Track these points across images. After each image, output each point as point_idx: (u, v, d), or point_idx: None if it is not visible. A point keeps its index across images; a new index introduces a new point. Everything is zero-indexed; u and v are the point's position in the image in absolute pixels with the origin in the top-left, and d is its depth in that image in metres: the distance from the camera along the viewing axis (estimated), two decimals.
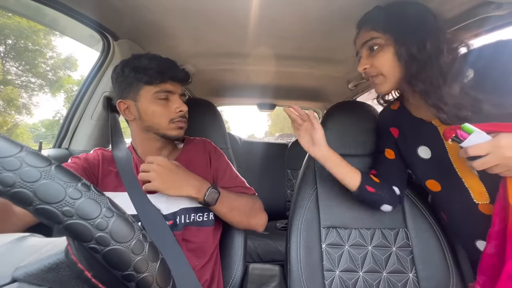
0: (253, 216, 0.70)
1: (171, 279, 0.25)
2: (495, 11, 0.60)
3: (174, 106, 0.67)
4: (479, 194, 0.57)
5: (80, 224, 0.20)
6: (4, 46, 10.87)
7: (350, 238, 0.77)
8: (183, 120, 0.69)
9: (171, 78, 0.66)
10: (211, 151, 0.77)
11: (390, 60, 0.60)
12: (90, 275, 0.22)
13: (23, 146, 0.20)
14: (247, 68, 1.30)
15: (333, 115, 0.87)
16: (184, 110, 0.68)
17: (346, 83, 1.42)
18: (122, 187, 0.63)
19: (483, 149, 0.45)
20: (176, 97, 0.68)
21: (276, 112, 11.09)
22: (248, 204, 0.70)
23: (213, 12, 0.77)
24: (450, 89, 0.55)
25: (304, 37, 0.92)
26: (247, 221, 0.70)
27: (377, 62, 0.61)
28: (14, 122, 10.91)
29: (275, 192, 1.73)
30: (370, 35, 0.62)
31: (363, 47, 0.64)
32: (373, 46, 0.62)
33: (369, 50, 0.63)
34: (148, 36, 0.91)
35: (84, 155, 0.67)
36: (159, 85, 0.65)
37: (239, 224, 0.70)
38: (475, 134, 0.45)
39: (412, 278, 0.72)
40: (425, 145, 0.66)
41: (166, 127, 0.66)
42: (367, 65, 0.63)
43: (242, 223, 0.70)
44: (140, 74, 0.64)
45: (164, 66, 0.65)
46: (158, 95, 0.65)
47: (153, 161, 0.60)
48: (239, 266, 0.74)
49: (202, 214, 0.68)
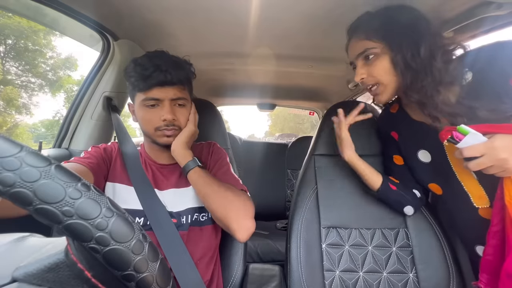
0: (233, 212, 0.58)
1: (171, 279, 0.25)
2: (495, 11, 0.60)
3: (160, 114, 0.63)
4: (478, 198, 0.57)
5: (80, 224, 0.20)
6: (4, 46, 10.87)
7: (350, 238, 0.77)
8: (169, 128, 0.64)
9: (158, 84, 0.61)
10: (214, 150, 0.77)
11: (387, 68, 0.59)
12: (90, 275, 0.21)
13: (23, 146, 0.20)
14: (247, 68, 1.30)
15: (333, 115, 0.87)
16: (168, 118, 0.62)
17: (346, 83, 1.42)
18: (130, 181, 0.65)
19: (477, 151, 0.45)
20: (164, 104, 0.62)
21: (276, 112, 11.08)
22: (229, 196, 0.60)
23: (213, 12, 0.77)
24: (445, 98, 0.55)
25: (304, 37, 0.92)
26: (224, 215, 0.58)
27: (374, 71, 0.60)
28: (14, 122, 10.92)
29: (275, 192, 1.74)
30: (364, 46, 0.60)
31: (358, 58, 0.62)
32: (369, 55, 0.60)
33: (365, 59, 0.61)
34: (148, 36, 0.91)
35: (104, 145, 0.70)
36: (145, 93, 0.62)
37: (216, 214, 0.59)
38: (471, 136, 0.45)
39: (412, 278, 0.72)
40: (425, 149, 0.66)
41: (153, 134, 0.65)
42: (364, 75, 0.62)
43: (220, 215, 0.58)
44: (129, 80, 0.63)
45: (149, 71, 0.60)
46: (145, 102, 0.63)
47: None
48: (239, 266, 0.74)
49: (206, 213, 0.68)
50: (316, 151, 0.87)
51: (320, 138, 0.87)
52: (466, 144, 0.46)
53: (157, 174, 0.70)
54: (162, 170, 0.70)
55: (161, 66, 0.60)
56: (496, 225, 0.49)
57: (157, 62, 0.61)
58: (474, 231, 0.60)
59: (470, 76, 0.54)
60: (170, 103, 0.63)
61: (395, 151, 0.75)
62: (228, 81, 1.58)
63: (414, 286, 0.71)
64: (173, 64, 0.63)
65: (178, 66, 0.64)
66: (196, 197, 0.68)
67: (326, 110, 0.91)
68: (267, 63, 1.20)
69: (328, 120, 0.87)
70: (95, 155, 0.65)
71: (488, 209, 0.56)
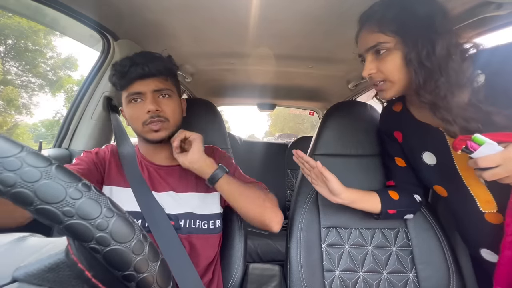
0: (268, 208, 0.64)
1: (171, 279, 0.25)
2: (495, 11, 0.60)
3: (144, 107, 0.62)
4: (486, 202, 0.56)
5: (80, 224, 0.20)
6: (4, 46, 10.87)
7: (350, 238, 0.77)
8: (155, 120, 0.63)
9: (138, 77, 0.62)
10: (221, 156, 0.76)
11: (398, 65, 0.54)
12: (90, 275, 0.22)
13: (23, 146, 0.20)
14: (247, 68, 1.30)
15: (333, 115, 0.87)
16: (152, 109, 0.62)
17: (346, 83, 1.42)
18: (127, 183, 0.64)
19: (493, 161, 0.43)
20: (147, 96, 0.63)
21: (276, 112, 11.09)
22: (260, 194, 0.66)
23: (213, 12, 0.77)
24: (459, 100, 0.51)
25: (304, 37, 0.92)
26: (260, 213, 0.64)
27: (384, 67, 0.56)
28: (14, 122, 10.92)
29: (275, 192, 1.71)
30: (377, 39, 0.55)
31: (368, 51, 0.58)
32: (380, 50, 0.56)
33: (375, 53, 0.57)
34: (148, 36, 0.91)
35: (96, 149, 0.70)
36: (127, 89, 0.63)
37: (252, 213, 0.64)
38: (486, 145, 0.43)
39: (412, 278, 0.72)
40: (430, 151, 0.63)
41: (142, 131, 0.64)
42: (373, 70, 0.58)
43: (255, 214, 0.64)
44: (112, 81, 0.65)
45: (127, 67, 0.61)
46: (129, 98, 0.63)
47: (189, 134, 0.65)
48: (239, 266, 0.74)
49: (207, 221, 0.67)
50: (316, 151, 0.87)
51: (320, 138, 0.87)
52: (481, 154, 0.44)
53: (154, 174, 0.68)
54: (159, 171, 0.69)
55: (137, 61, 0.62)
56: (510, 235, 0.48)
57: (134, 58, 0.63)
58: (480, 234, 0.59)
59: (482, 78, 0.51)
60: (153, 95, 0.64)
61: (398, 153, 0.73)
62: (228, 81, 1.58)
63: (414, 286, 0.71)
64: (151, 57, 0.64)
65: (155, 59, 0.64)
66: (197, 204, 0.67)
67: (326, 110, 0.91)
68: (267, 63, 1.20)
69: (328, 120, 0.87)
70: (86, 160, 0.65)
71: (495, 213, 0.55)
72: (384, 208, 0.68)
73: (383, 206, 0.68)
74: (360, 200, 0.68)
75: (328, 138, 0.86)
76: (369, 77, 0.60)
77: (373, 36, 0.56)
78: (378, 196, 0.69)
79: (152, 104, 0.62)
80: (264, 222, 0.64)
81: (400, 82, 0.56)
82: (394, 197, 0.69)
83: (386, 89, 0.59)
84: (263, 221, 0.64)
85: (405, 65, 0.54)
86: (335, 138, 0.85)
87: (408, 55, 0.53)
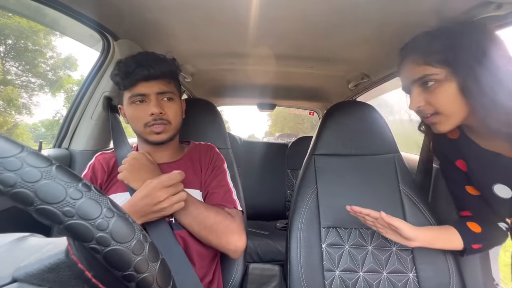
0: (226, 234, 0.59)
1: (171, 279, 0.25)
2: (495, 11, 0.60)
3: (147, 109, 0.63)
4: None
5: (80, 224, 0.20)
6: (4, 46, 10.87)
7: (350, 238, 0.77)
8: (158, 123, 0.63)
9: (143, 79, 0.62)
10: (214, 155, 0.76)
11: (452, 97, 0.50)
12: (90, 275, 0.22)
13: (24, 146, 0.20)
14: (247, 68, 1.30)
15: (333, 115, 0.88)
16: (155, 112, 0.62)
17: (346, 83, 1.42)
18: (123, 187, 0.63)
19: None
20: (150, 98, 0.63)
21: (276, 112, 11.09)
22: (220, 219, 0.60)
23: (213, 12, 0.77)
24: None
25: (304, 36, 0.92)
26: (218, 240, 0.59)
27: (434, 100, 0.52)
28: (14, 122, 10.92)
29: (275, 192, 1.74)
30: (423, 71, 0.51)
31: (414, 84, 0.54)
32: (428, 81, 0.52)
33: (422, 85, 0.53)
34: (148, 36, 0.91)
35: (92, 164, 0.69)
36: (131, 90, 0.63)
37: (208, 240, 0.60)
38: None
39: (412, 278, 0.72)
40: (504, 183, 0.56)
41: (143, 132, 0.65)
42: (421, 103, 0.53)
43: (211, 241, 0.59)
44: (115, 80, 0.65)
45: (132, 68, 0.61)
46: (132, 99, 0.63)
47: (130, 155, 0.62)
48: (239, 266, 0.74)
49: None
50: (316, 151, 0.87)
51: (320, 138, 0.87)
52: None
53: None
54: None
55: (143, 62, 0.62)
56: None
57: (139, 58, 0.63)
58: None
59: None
60: (157, 97, 0.64)
61: (466, 182, 0.65)
62: (228, 81, 1.58)
63: (414, 286, 0.72)
64: (155, 59, 0.64)
65: (160, 61, 0.64)
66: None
67: (326, 110, 0.91)
68: (267, 63, 1.20)
69: (328, 120, 0.87)
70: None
71: None
72: (468, 244, 0.62)
73: (466, 242, 0.62)
74: (438, 240, 0.64)
75: (328, 138, 0.86)
76: (418, 110, 0.56)
77: (419, 69, 0.53)
78: (456, 231, 0.63)
79: (156, 107, 0.62)
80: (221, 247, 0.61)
81: (457, 114, 0.52)
82: (475, 229, 0.63)
83: (440, 122, 0.54)
84: (220, 247, 0.61)
85: (462, 97, 0.50)
86: (335, 138, 0.85)
87: (464, 85, 0.49)
